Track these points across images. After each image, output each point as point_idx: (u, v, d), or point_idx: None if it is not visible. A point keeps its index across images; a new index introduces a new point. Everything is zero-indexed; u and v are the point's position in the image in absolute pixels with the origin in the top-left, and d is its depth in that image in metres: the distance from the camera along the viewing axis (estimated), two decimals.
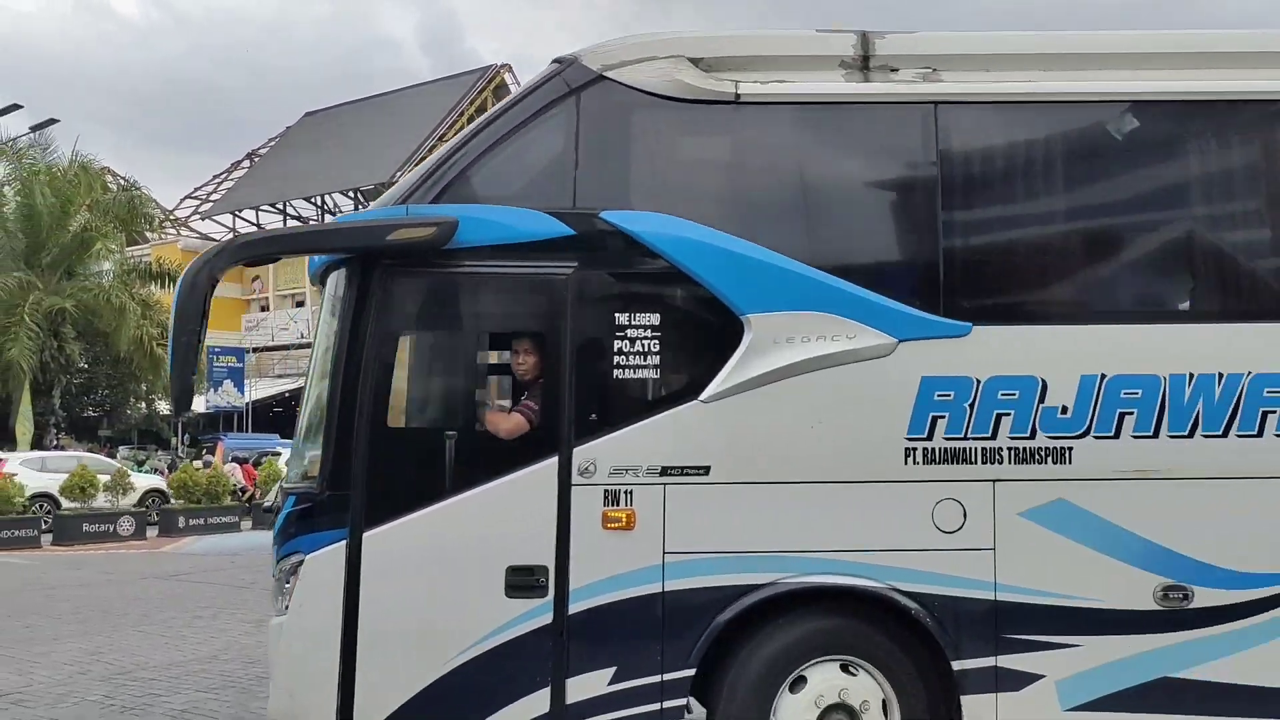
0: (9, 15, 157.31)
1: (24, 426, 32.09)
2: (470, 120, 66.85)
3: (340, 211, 72.50)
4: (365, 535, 4.47)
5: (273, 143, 77.21)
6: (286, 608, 4.59)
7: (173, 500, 21.02)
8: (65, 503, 19.03)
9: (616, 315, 4.55)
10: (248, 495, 23.94)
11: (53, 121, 30.27)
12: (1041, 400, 4.50)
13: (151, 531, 19.48)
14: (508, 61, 65.00)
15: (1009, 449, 4.51)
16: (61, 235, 34.01)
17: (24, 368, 31.25)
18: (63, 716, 6.56)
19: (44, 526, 18.33)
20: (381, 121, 68.13)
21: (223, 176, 77.07)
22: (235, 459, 25.88)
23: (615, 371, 4.53)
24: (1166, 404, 4.51)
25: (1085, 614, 4.47)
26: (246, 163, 76.93)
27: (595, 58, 4.76)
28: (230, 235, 73.44)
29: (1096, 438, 4.50)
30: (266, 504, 17.96)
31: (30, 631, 9.62)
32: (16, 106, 26.71)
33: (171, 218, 73.18)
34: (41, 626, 9.87)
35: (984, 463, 4.50)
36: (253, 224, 74.36)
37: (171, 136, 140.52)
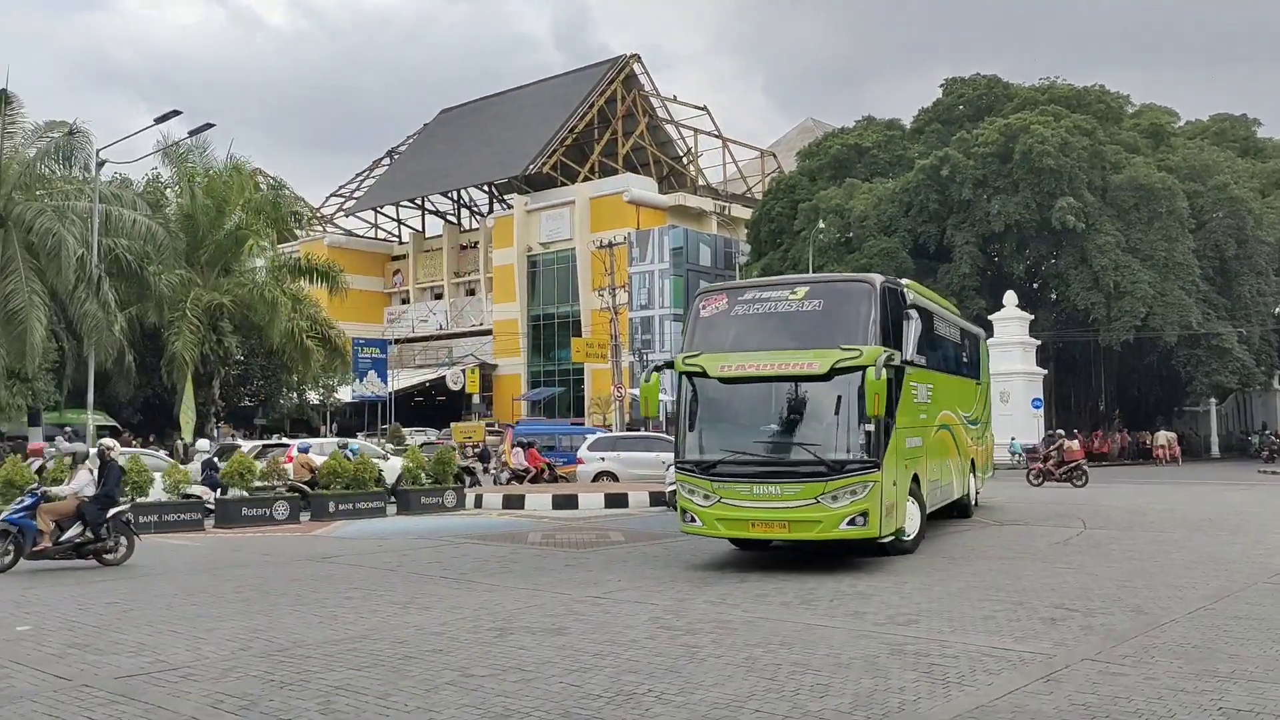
0: (171, 28, 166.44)
1: (187, 415, 33.93)
2: (599, 110, 67.01)
3: (476, 206, 74.17)
4: None
5: (411, 140, 79.32)
6: None
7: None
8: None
9: None
10: (531, 475, 26.42)
11: (209, 126, 31.94)
12: None
13: (304, 516, 20.33)
14: (637, 52, 64.52)
15: None
16: (218, 234, 35.73)
17: (187, 359, 33.05)
18: (228, 690, 6.89)
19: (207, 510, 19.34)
20: (514, 115, 69.23)
21: (365, 174, 79.71)
22: (519, 444, 28.07)
23: None
24: None
25: None
26: (387, 161, 79.27)
27: None
28: (371, 229, 75.76)
29: None
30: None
31: (198, 609, 10.16)
32: (176, 113, 28.23)
33: (318, 215, 76.20)
34: (208, 604, 10.42)
35: None
36: (393, 219, 76.74)
37: (318, 138, 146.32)
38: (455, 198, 73.78)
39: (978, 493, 19.37)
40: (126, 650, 8.21)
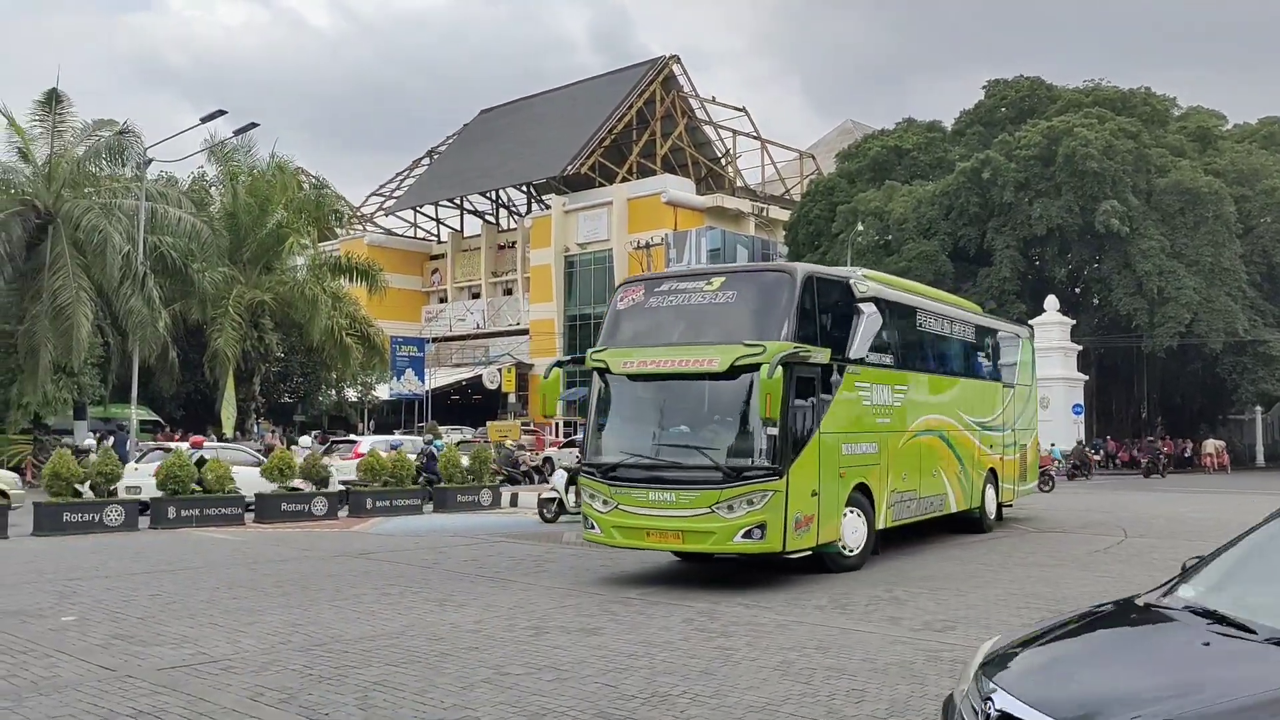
0: (218, 29, 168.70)
1: (228, 411, 34.41)
2: (638, 111, 67.02)
3: (514, 206, 74.53)
4: None
5: (451, 140, 79.80)
6: None
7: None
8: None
9: None
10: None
11: (253, 125, 32.23)
12: None
13: (342, 512, 20.54)
14: (676, 53, 64.39)
15: None
16: (260, 232, 36.18)
17: (229, 356, 33.53)
18: (267, 683, 6.99)
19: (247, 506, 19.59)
20: (553, 116, 69.45)
21: (405, 174, 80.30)
22: (570, 442, 28.23)
23: None
24: None
25: None
26: (427, 160, 79.80)
27: None
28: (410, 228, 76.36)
29: None
30: None
31: (238, 602, 10.31)
32: (222, 112, 28.57)
33: (358, 214, 76.90)
34: (248, 598, 10.56)
35: None
36: (432, 219, 77.30)
37: (359, 137, 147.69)
38: (494, 198, 74.15)
39: (1004, 505, 17.99)
40: (169, 642, 8.35)
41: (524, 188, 71.63)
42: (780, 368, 10.61)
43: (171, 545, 15.55)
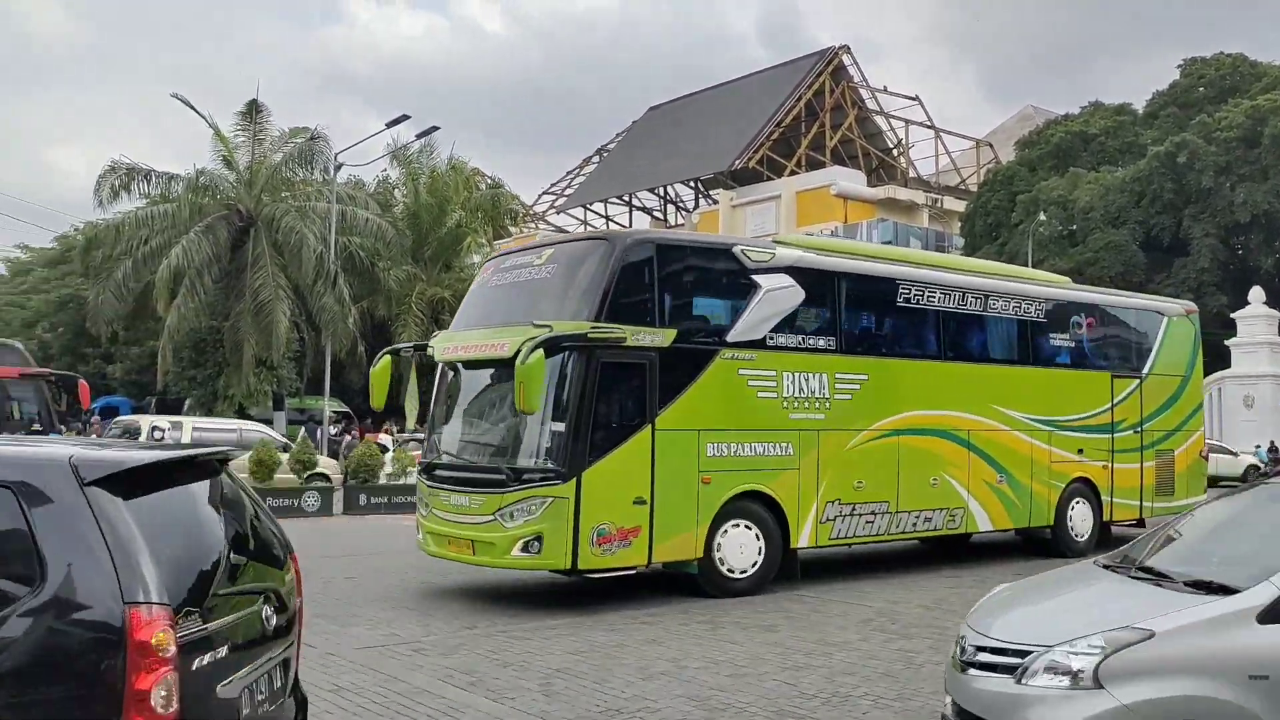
0: (399, 39, 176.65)
1: (412, 403, 35.78)
2: (807, 103, 66.12)
3: (682, 202, 74.96)
4: None
5: (620, 138, 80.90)
6: None
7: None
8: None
9: None
10: None
11: (434, 129, 33.61)
12: None
13: None
14: (846, 43, 63.33)
15: None
16: (439, 231, 37.63)
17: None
18: (455, 665, 7.27)
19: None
20: (720, 111, 69.37)
21: (575, 172, 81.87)
22: None
23: None
24: None
25: None
26: (596, 158, 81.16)
27: None
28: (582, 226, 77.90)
29: None
30: None
31: (426, 586, 10.76)
32: (405, 117, 29.84)
33: (531, 213, 78.98)
34: (437, 582, 11.01)
35: None
36: (602, 216, 78.60)
37: (530, 137, 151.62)
38: (661, 194, 74.74)
39: (1112, 523, 14.58)
40: (364, 623, 8.79)
41: (691, 183, 71.90)
42: (541, 351, 8.99)
43: (363, 530, 16.38)
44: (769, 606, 9.75)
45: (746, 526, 10.37)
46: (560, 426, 9.42)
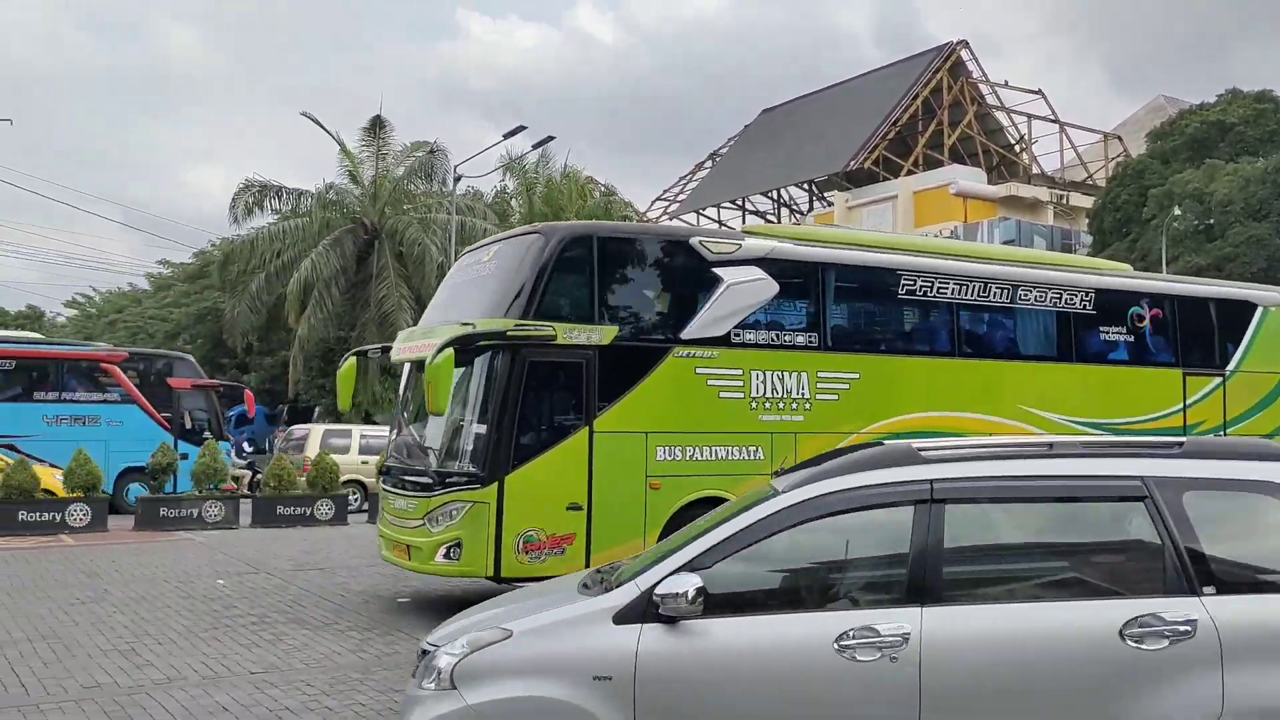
0: (514, 52, 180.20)
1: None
2: (924, 101, 65.01)
3: (795, 205, 74.39)
4: None
5: (732, 142, 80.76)
6: None
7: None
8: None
9: None
10: None
11: (550, 139, 34.09)
12: None
13: None
14: (964, 38, 61.95)
15: None
16: None
17: None
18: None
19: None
20: (834, 112, 68.64)
21: (687, 177, 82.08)
22: None
23: None
24: None
25: None
26: (709, 163, 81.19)
27: None
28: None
29: None
30: None
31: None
32: (522, 128, 30.40)
33: (644, 219, 79.50)
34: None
35: None
36: (714, 221, 78.57)
37: (642, 143, 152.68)
38: (775, 197, 74.29)
39: None
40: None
41: (806, 185, 71.28)
42: (451, 351, 8.80)
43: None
44: None
45: None
46: (483, 429, 9.18)
